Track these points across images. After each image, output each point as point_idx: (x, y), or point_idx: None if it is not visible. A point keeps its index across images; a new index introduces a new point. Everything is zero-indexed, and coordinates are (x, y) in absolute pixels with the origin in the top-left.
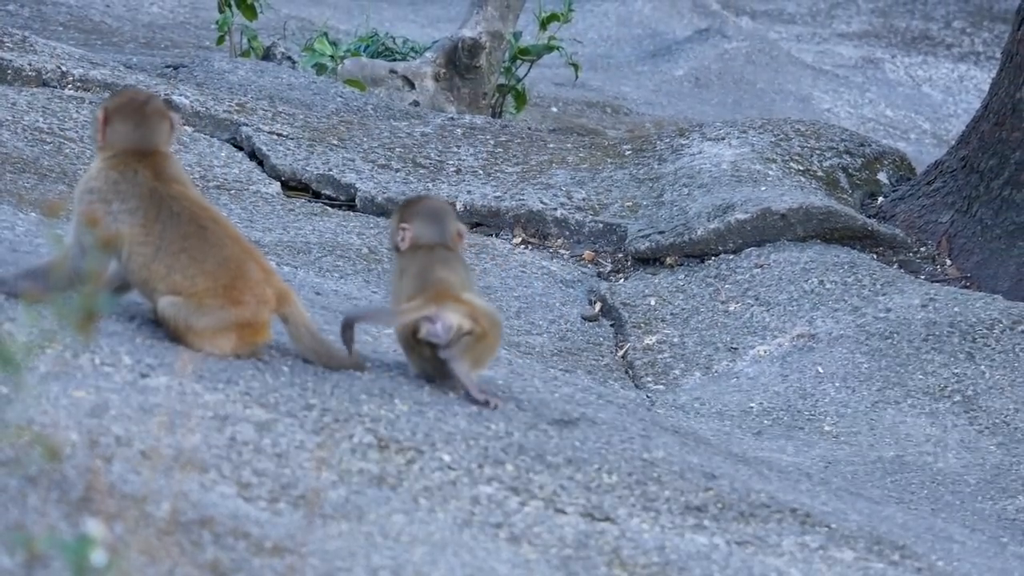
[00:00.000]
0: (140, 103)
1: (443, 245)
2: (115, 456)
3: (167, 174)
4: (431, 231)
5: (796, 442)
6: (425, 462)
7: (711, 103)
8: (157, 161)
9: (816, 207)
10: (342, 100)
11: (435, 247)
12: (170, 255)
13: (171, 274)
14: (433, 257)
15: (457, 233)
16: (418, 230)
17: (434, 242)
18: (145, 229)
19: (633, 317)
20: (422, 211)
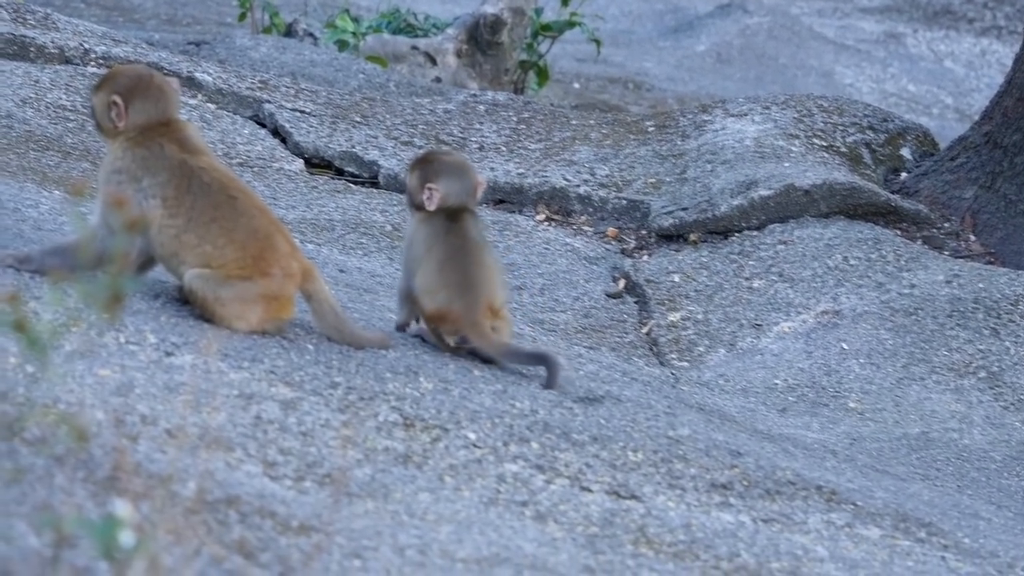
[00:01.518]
0: (150, 78)
1: (465, 209)
2: (141, 435)
3: (192, 145)
4: (458, 189)
5: (821, 419)
6: (450, 440)
7: (733, 79)
8: (178, 132)
9: (839, 183)
10: (364, 77)
11: (458, 214)
12: (201, 225)
13: (201, 244)
14: (464, 239)
15: (478, 183)
16: (446, 188)
17: (459, 202)
18: (176, 201)
19: (657, 294)
20: (448, 168)
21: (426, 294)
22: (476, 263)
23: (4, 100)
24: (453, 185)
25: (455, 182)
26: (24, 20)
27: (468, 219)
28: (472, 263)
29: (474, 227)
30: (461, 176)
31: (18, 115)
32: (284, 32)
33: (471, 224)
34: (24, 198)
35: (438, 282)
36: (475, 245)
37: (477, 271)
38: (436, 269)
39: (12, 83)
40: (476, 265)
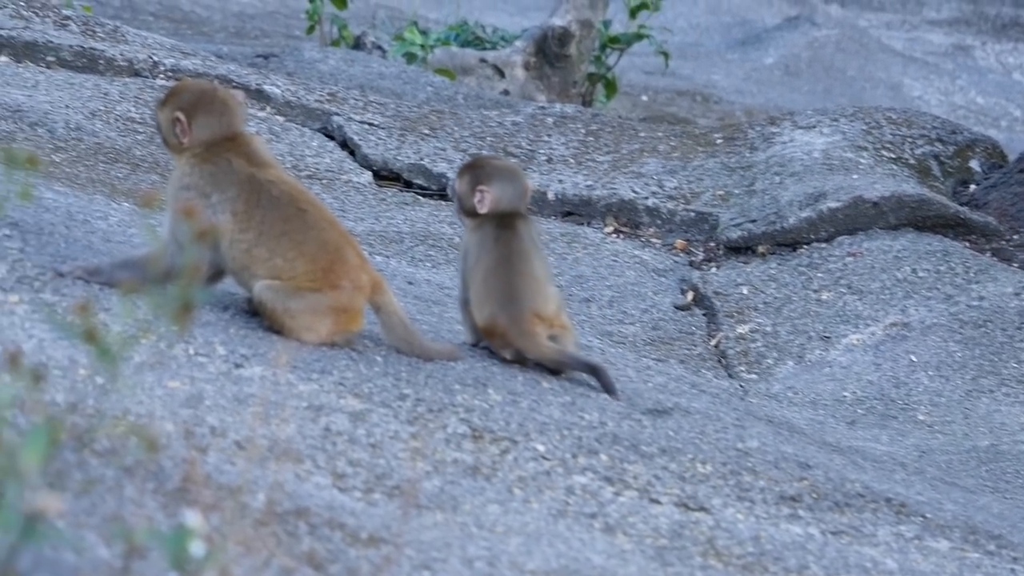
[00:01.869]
0: (213, 92)
1: (517, 214)
2: (210, 447)
3: (259, 158)
4: (510, 193)
5: (890, 431)
6: (519, 452)
7: (801, 91)
8: (246, 146)
9: (908, 195)
10: (432, 89)
11: (509, 220)
12: (272, 239)
13: (272, 258)
14: (511, 248)
15: (527, 190)
16: (498, 192)
17: (511, 207)
18: (246, 215)
19: (725, 306)
20: (498, 171)
21: (476, 307)
22: (519, 273)
23: (74, 112)
24: (505, 188)
25: (507, 185)
26: (93, 33)
27: (519, 225)
28: (515, 273)
29: (525, 233)
30: (512, 179)
31: (87, 127)
32: (352, 45)
33: (522, 230)
34: (93, 210)
35: (484, 294)
36: (520, 254)
37: (520, 281)
38: (482, 281)
39: (81, 95)
40: (519, 275)
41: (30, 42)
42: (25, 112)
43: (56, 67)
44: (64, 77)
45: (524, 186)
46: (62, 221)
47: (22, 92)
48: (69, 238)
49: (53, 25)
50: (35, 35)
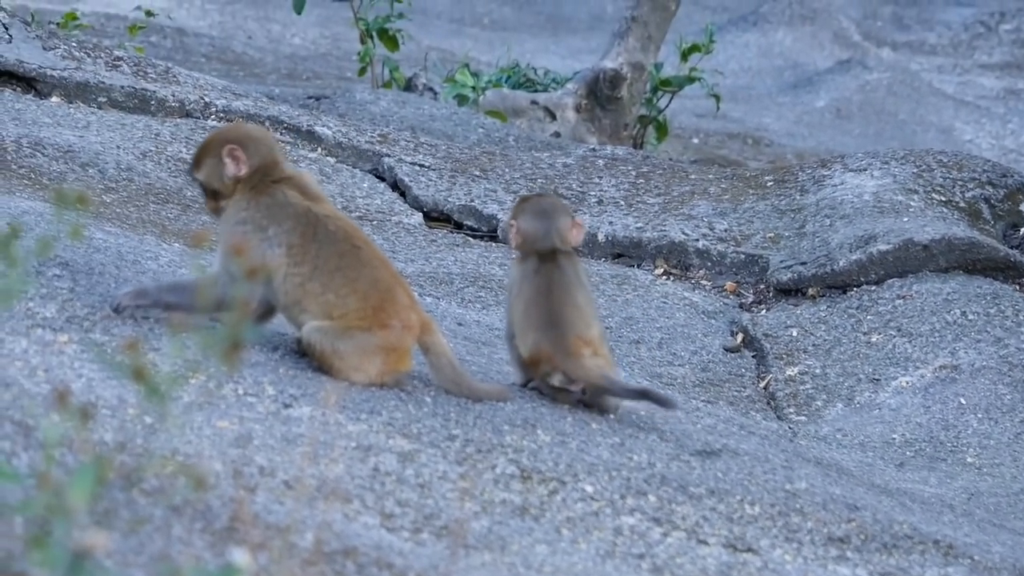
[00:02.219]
0: (249, 127)
1: (557, 251)
2: (259, 486)
3: (312, 192)
4: (540, 229)
5: (939, 473)
6: (568, 493)
7: (852, 134)
8: (297, 180)
9: (958, 238)
10: (484, 131)
11: (552, 255)
12: (326, 274)
13: (325, 293)
14: (551, 279)
15: (572, 226)
16: (526, 227)
17: (547, 246)
18: (302, 249)
19: (775, 348)
20: (532, 208)
21: (520, 338)
22: (560, 301)
23: (125, 153)
24: (534, 224)
25: (537, 221)
26: (145, 74)
27: (562, 260)
28: (556, 300)
29: (568, 267)
30: (544, 216)
31: (138, 168)
32: (404, 86)
33: (565, 264)
34: (144, 250)
35: (526, 324)
36: (562, 285)
37: (561, 308)
38: (523, 312)
39: (133, 136)
40: (561, 303)
41: (82, 83)
42: (76, 153)
43: (108, 108)
44: (116, 118)
45: (559, 223)
46: (112, 261)
47: (74, 133)
48: (119, 278)
49: (105, 66)
50: (87, 76)
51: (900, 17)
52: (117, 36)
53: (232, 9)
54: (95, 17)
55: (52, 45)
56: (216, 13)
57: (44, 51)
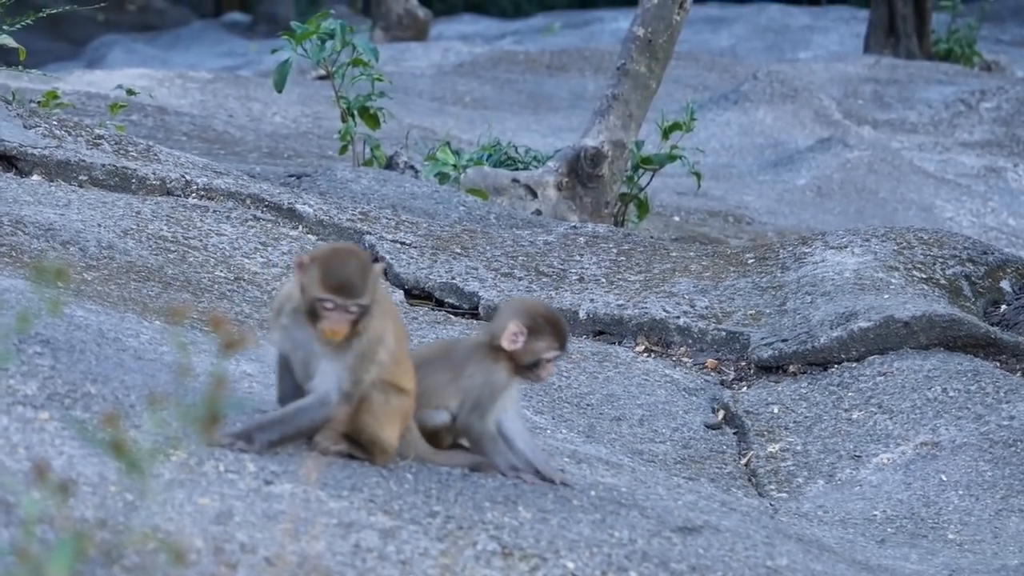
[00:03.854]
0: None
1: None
2: (240, 563)
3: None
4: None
5: (920, 550)
6: (549, 569)
7: (833, 212)
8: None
9: (939, 315)
10: (465, 209)
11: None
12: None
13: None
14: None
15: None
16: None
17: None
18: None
19: (756, 425)
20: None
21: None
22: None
23: (105, 231)
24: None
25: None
26: (126, 152)
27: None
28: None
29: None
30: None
31: (119, 246)
32: (385, 165)
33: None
34: (125, 328)
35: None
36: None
37: None
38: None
39: (114, 214)
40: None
41: (63, 161)
42: (57, 231)
43: (89, 186)
44: (97, 196)
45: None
46: (93, 339)
47: (55, 211)
48: (100, 355)
49: (86, 144)
50: (68, 154)
51: (881, 95)
52: (98, 115)
53: (213, 88)
54: (76, 96)
55: (33, 123)
56: (197, 92)
57: (25, 129)
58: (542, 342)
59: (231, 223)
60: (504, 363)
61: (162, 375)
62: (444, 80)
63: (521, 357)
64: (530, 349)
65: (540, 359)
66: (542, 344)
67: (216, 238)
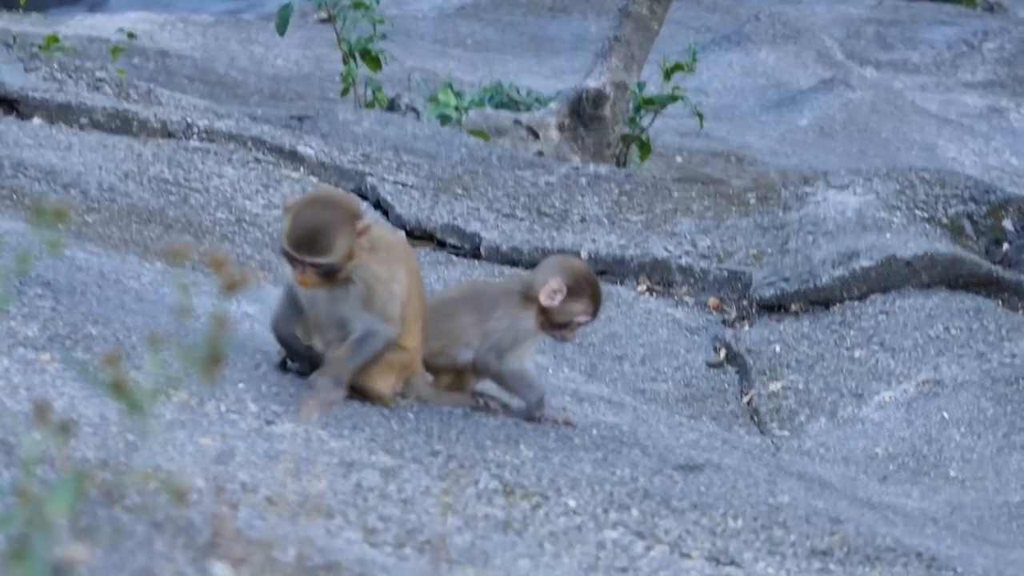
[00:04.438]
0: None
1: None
2: (241, 502)
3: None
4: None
5: (921, 487)
6: (550, 507)
7: (836, 152)
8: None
9: (941, 254)
10: (466, 150)
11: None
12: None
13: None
14: None
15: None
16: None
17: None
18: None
19: (758, 364)
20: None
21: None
22: None
23: (107, 174)
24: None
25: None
26: (127, 95)
27: None
28: None
29: None
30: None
31: (120, 188)
32: (387, 107)
33: None
34: (126, 269)
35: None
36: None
37: None
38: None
39: (115, 157)
40: None
41: (64, 104)
42: (58, 174)
43: (90, 129)
44: (98, 139)
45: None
46: (94, 280)
47: (55, 154)
48: (101, 297)
49: (87, 87)
50: (69, 97)
51: (883, 36)
52: (99, 58)
53: (215, 31)
54: (77, 40)
55: (34, 67)
56: (199, 35)
57: (26, 73)
58: (579, 305)
59: (232, 165)
60: (534, 314)
61: (163, 316)
62: (446, 22)
63: (554, 315)
64: (565, 309)
65: (572, 321)
66: (578, 307)
67: (217, 180)
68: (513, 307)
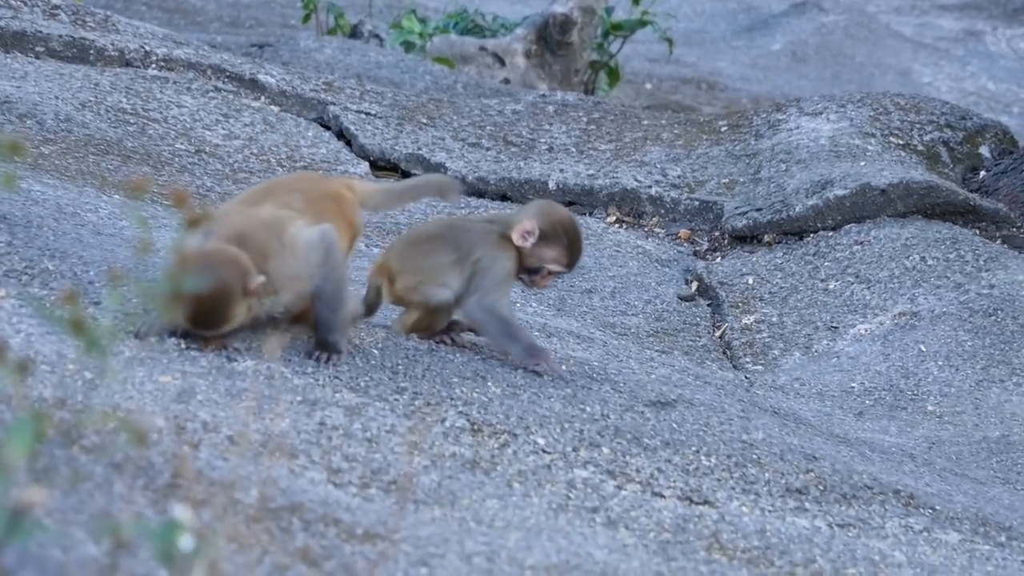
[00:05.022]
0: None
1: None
2: (202, 442)
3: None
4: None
5: (899, 422)
6: (519, 446)
7: (809, 78)
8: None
9: (917, 182)
10: (431, 78)
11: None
12: None
13: None
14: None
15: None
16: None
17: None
18: None
19: (731, 296)
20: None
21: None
22: None
23: (63, 103)
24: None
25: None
26: (84, 22)
27: None
28: None
29: None
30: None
31: (77, 119)
32: (349, 33)
33: None
34: (83, 202)
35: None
36: None
37: None
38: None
39: (71, 86)
40: None
41: (19, 32)
42: (13, 103)
43: (45, 57)
44: (53, 68)
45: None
46: (51, 214)
47: (10, 83)
48: (58, 231)
49: (42, 14)
50: (24, 25)
51: None
52: None
53: None
54: None
55: None
56: None
57: None
58: (551, 251)
59: (192, 94)
60: (514, 255)
61: (122, 250)
62: None
63: (526, 257)
64: (536, 253)
65: (543, 267)
66: (550, 253)
67: (176, 110)
68: (493, 247)
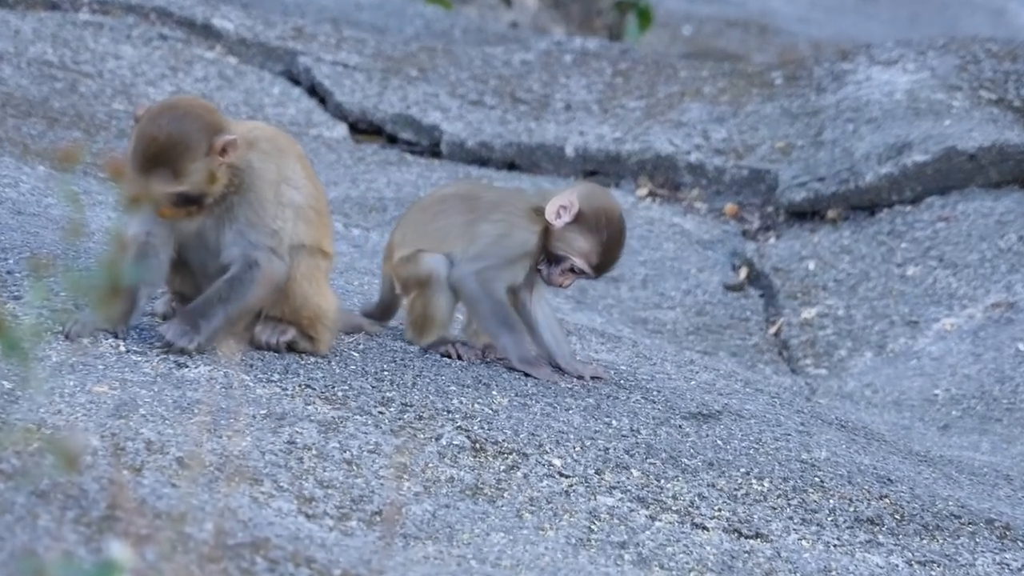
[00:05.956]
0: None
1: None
2: (146, 465)
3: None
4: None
5: (992, 437)
6: (530, 468)
7: (880, 19)
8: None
9: (1013, 145)
10: (423, 22)
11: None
12: None
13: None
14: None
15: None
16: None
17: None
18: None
19: (787, 285)
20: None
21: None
22: None
23: None
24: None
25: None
26: None
27: None
28: None
29: None
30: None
31: None
32: None
33: None
34: (1, 175)
35: None
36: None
37: None
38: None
39: None
40: None
41: None
42: None
43: None
44: None
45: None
46: None
47: None
48: None
49: None
50: None
51: None
52: None
53: None
54: None
55: None
56: None
57: None
58: (583, 241)
59: (132, 43)
60: (538, 233)
61: (48, 233)
62: None
63: (552, 240)
64: (566, 237)
65: (568, 258)
66: (581, 243)
67: (114, 62)
68: (516, 215)
